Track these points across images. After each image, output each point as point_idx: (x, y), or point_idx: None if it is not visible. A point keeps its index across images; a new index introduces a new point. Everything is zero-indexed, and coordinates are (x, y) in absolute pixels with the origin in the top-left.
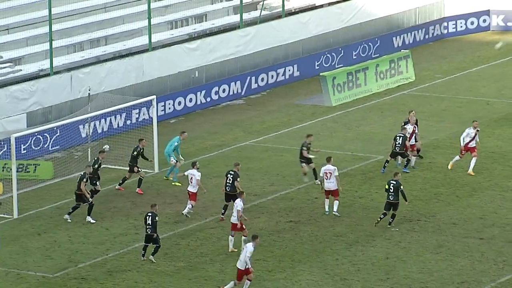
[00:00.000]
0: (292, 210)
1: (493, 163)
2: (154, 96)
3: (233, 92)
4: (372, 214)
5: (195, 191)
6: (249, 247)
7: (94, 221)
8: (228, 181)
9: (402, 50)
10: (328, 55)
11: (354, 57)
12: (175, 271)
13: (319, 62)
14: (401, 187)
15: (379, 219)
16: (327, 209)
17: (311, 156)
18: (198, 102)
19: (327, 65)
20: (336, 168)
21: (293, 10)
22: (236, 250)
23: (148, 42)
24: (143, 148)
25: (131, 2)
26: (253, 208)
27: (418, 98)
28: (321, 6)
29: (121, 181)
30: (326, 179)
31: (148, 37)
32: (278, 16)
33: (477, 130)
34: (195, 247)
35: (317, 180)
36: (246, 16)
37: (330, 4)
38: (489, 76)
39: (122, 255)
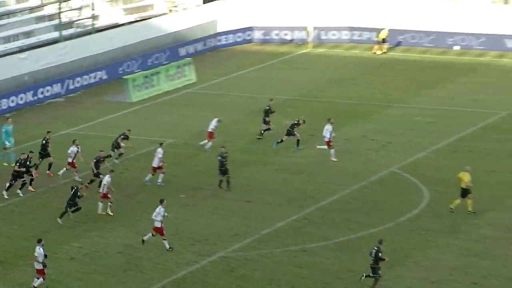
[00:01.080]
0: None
1: (257, 144)
2: None
3: (55, 92)
4: (171, 186)
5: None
6: (158, 210)
7: (22, 195)
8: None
9: (186, 58)
10: (129, 62)
11: (149, 64)
12: (11, 232)
13: (122, 68)
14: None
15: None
16: (146, 179)
17: (123, 145)
18: (28, 100)
19: (129, 70)
20: (160, 152)
21: (101, 28)
22: (104, 213)
23: None
24: (49, 138)
25: None
26: (75, 182)
27: (199, 95)
28: (123, 24)
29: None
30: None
31: None
32: (89, 33)
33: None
34: (26, 213)
35: (115, 160)
36: (64, 32)
37: (130, 23)
38: (254, 77)
39: None
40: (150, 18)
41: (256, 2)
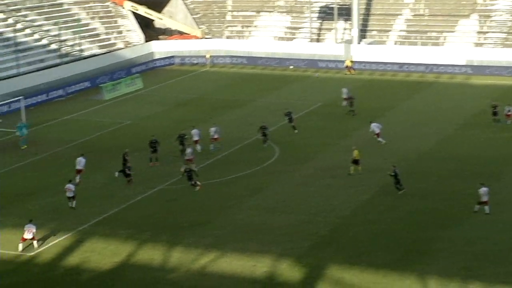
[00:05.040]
0: None
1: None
2: None
3: (59, 94)
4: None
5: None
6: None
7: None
8: None
9: (136, 74)
10: (103, 76)
11: (115, 77)
12: None
13: (99, 80)
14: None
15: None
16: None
17: None
18: (43, 99)
19: (103, 81)
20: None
21: (85, 56)
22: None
23: None
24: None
25: None
26: None
27: (145, 95)
28: (99, 55)
29: None
30: None
31: None
32: (79, 59)
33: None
34: None
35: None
36: (65, 59)
37: (102, 54)
38: (176, 84)
39: None
40: (114, 51)
41: (174, 41)
